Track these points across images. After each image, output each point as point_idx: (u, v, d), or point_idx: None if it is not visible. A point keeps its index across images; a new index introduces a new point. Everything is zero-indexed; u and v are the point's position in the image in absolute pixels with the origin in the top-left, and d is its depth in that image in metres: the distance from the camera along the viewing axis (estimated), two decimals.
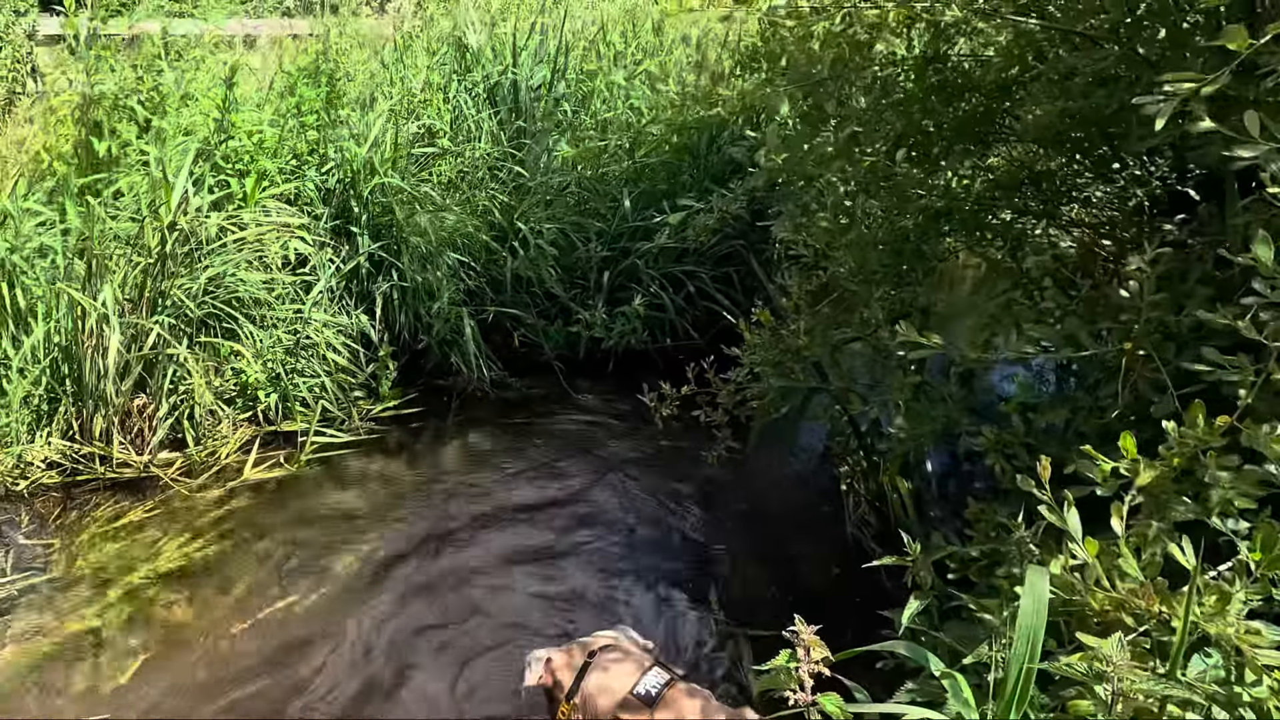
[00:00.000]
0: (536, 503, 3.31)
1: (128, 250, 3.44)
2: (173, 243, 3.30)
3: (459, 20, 5.14)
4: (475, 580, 2.87)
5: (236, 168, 3.80)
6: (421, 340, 4.20)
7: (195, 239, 3.39)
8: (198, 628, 2.65)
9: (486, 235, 4.37)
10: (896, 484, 2.53)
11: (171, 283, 3.35)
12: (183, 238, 3.34)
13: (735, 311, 4.35)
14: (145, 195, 3.54)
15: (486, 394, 4.14)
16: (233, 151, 3.76)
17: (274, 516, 3.21)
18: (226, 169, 3.79)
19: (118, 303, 3.32)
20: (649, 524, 3.19)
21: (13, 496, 3.23)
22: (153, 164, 3.54)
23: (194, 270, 3.44)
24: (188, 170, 3.50)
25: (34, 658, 2.53)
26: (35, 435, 3.43)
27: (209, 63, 4.35)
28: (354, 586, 2.84)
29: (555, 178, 4.67)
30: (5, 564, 2.89)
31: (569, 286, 4.48)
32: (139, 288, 3.39)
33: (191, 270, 3.43)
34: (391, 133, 4.19)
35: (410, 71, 4.69)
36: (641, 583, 2.87)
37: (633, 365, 4.25)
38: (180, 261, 3.36)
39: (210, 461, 3.50)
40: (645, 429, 3.60)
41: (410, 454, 3.68)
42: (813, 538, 3.03)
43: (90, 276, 3.32)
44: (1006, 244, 2.34)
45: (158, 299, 3.40)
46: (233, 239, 3.59)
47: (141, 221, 3.42)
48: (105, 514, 3.19)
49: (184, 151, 3.58)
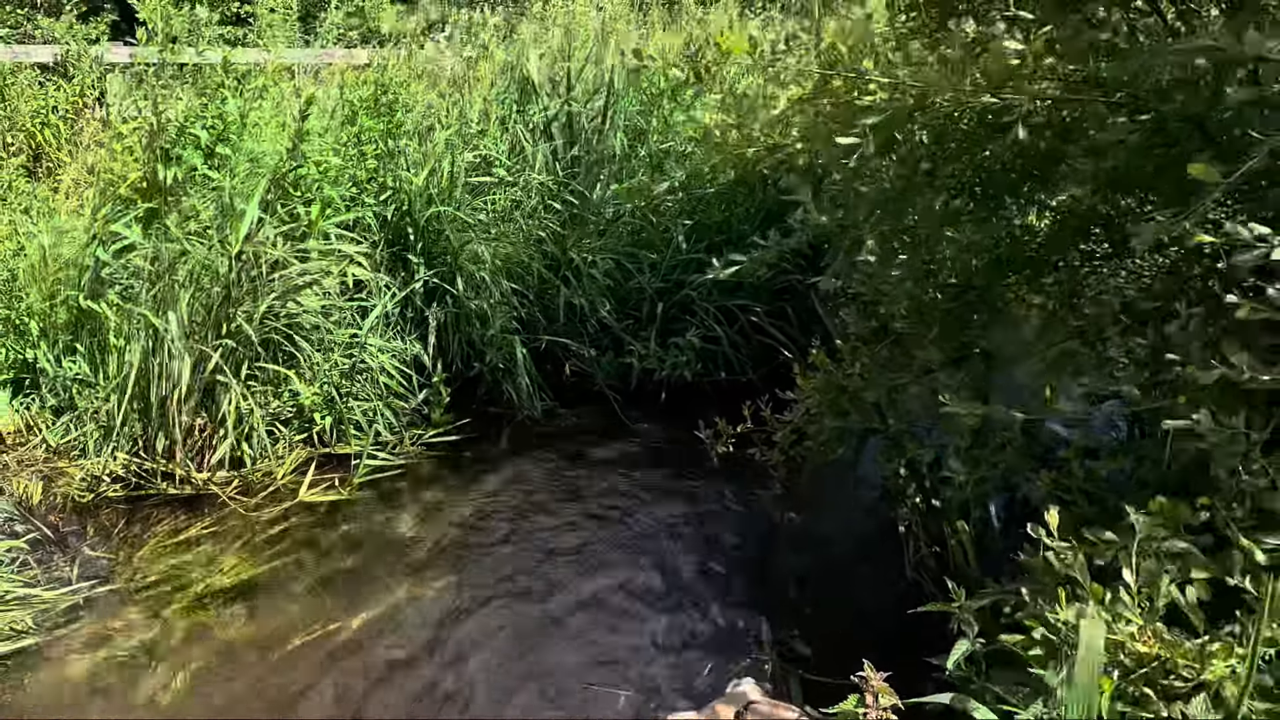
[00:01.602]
0: (588, 535, 3.40)
1: (197, 275, 3.67)
2: (240, 270, 3.52)
3: (518, 51, 5.38)
4: (529, 613, 2.96)
5: (304, 195, 4.03)
6: (474, 367, 4.36)
7: (261, 266, 3.61)
8: (253, 645, 2.79)
9: (540, 264, 4.53)
10: (956, 528, 2.56)
11: (236, 308, 3.57)
12: (250, 265, 3.55)
13: (790, 346, 4.42)
14: (214, 221, 3.78)
15: (538, 422, 4.27)
16: (301, 179, 3.99)
17: (327, 538, 3.36)
18: (294, 197, 4.03)
19: (185, 326, 3.54)
20: (703, 562, 3.25)
21: (80, 508, 3.44)
22: (225, 193, 3.78)
23: (258, 296, 3.65)
24: (259, 200, 3.73)
25: (97, 665, 2.69)
26: (102, 450, 3.65)
27: (272, 92, 4.64)
28: (405, 612, 2.95)
29: (609, 208, 4.83)
30: (72, 573, 3.08)
31: (621, 317, 4.61)
32: (206, 311, 3.61)
33: (255, 296, 3.64)
34: (448, 162, 4.40)
35: (468, 102, 4.92)
36: (696, 622, 2.92)
37: (685, 398, 4.34)
38: (246, 289, 3.57)
39: (266, 481, 3.68)
40: (699, 464, 3.67)
41: (461, 481, 3.82)
42: (872, 580, 3.06)
43: (162, 300, 3.55)
44: (1068, 289, 2.39)
45: (222, 323, 3.61)
46: (296, 270, 3.80)
47: (210, 248, 3.65)
48: (166, 528, 3.38)
49: (254, 179, 3.82)
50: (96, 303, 3.70)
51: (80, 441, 3.68)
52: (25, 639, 2.74)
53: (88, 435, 3.67)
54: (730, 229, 4.68)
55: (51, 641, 2.75)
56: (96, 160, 5.52)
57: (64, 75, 6.24)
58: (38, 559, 3.12)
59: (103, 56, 6.34)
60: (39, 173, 5.65)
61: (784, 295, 4.61)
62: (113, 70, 6.41)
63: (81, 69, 6.22)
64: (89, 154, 5.87)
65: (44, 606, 2.89)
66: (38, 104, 5.98)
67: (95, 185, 4.65)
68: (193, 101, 4.09)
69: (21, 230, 3.94)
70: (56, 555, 3.18)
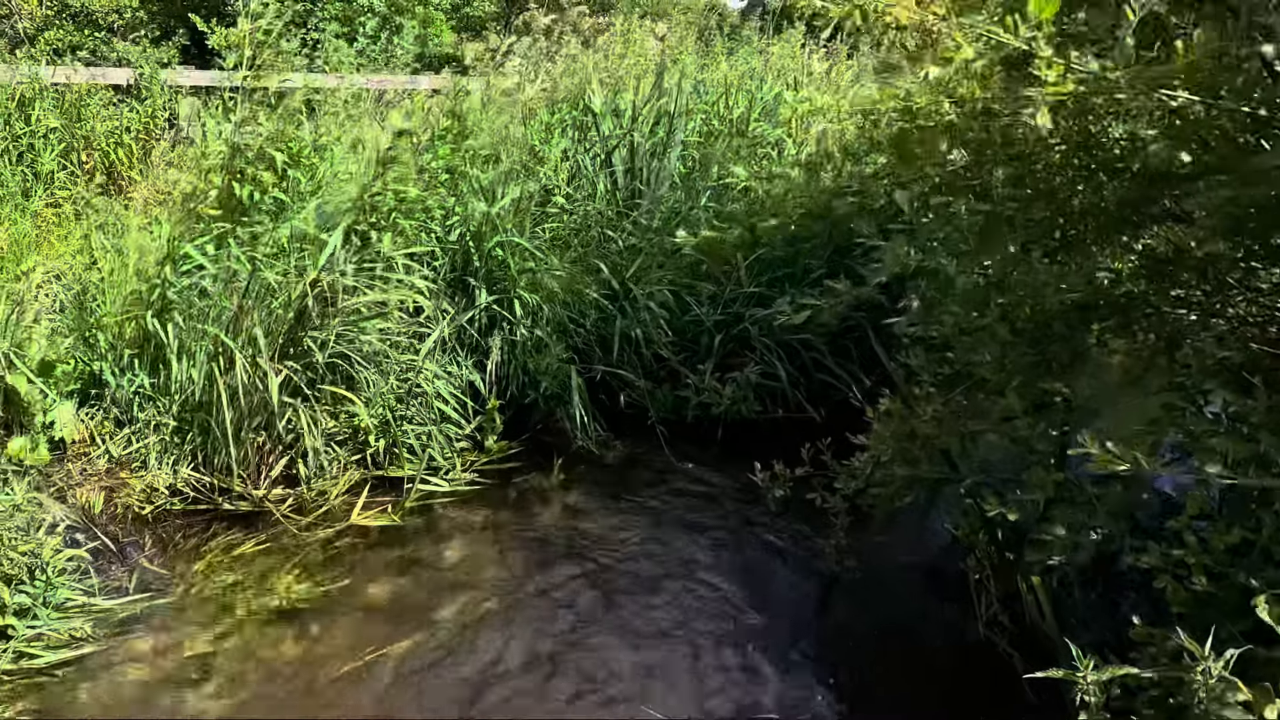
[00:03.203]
0: (641, 573, 3.39)
1: (267, 298, 3.80)
2: (314, 297, 3.65)
3: (582, 81, 5.52)
4: (578, 653, 2.95)
5: (378, 222, 4.16)
6: (528, 395, 4.41)
7: (335, 294, 3.73)
8: (303, 666, 2.83)
9: (597, 293, 4.59)
10: (1034, 586, 2.50)
11: (306, 332, 3.69)
12: (324, 292, 3.68)
13: (851, 385, 4.39)
14: (290, 246, 3.92)
15: (591, 453, 4.29)
16: (376, 207, 4.14)
17: (378, 562, 3.41)
18: (369, 225, 4.16)
19: (259, 347, 3.66)
20: (758, 609, 3.20)
21: (139, 520, 3.55)
22: (306, 221, 3.92)
23: (327, 322, 3.77)
24: (342, 231, 3.87)
25: (149, 678, 2.76)
26: (162, 463, 3.78)
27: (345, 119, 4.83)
28: (452, 640, 2.97)
29: (669, 239, 4.88)
30: (129, 584, 3.18)
31: (678, 349, 4.63)
32: (278, 334, 3.74)
33: (325, 322, 3.76)
34: (513, 190, 4.51)
35: (532, 131, 5.04)
36: (752, 676, 2.87)
37: (742, 434, 4.33)
38: (317, 313, 3.70)
39: (319, 501, 3.76)
40: (755, 504, 3.65)
41: (512, 509, 3.85)
42: (940, 636, 2.98)
43: (234, 320, 3.69)
44: (1163, 337, 2.34)
45: (290, 347, 3.73)
46: (366, 300, 3.91)
47: (286, 273, 3.79)
48: (220, 544, 3.46)
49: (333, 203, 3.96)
50: (161, 320, 3.85)
51: (141, 454, 3.81)
52: (84, 647, 2.83)
53: (149, 448, 3.80)
54: (795, 263, 4.69)
55: (108, 651, 2.83)
56: (168, 179, 5.80)
57: (137, 97, 6.59)
58: (97, 568, 3.22)
59: (175, 80, 6.69)
60: (110, 190, 5.95)
61: (847, 333, 4.59)
62: (182, 92, 6.76)
63: (153, 91, 6.56)
64: (159, 173, 6.17)
65: (102, 615, 2.98)
66: (112, 124, 6.32)
67: (166, 203, 4.88)
68: (271, 125, 4.27)
69: (96, 245, 4.13)
70: (115, 565, 3.28)
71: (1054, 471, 2.24)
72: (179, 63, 7.75)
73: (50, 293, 4.56)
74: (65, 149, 6.04)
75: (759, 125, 5.03)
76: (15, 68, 6.08)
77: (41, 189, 5.74)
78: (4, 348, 3.86)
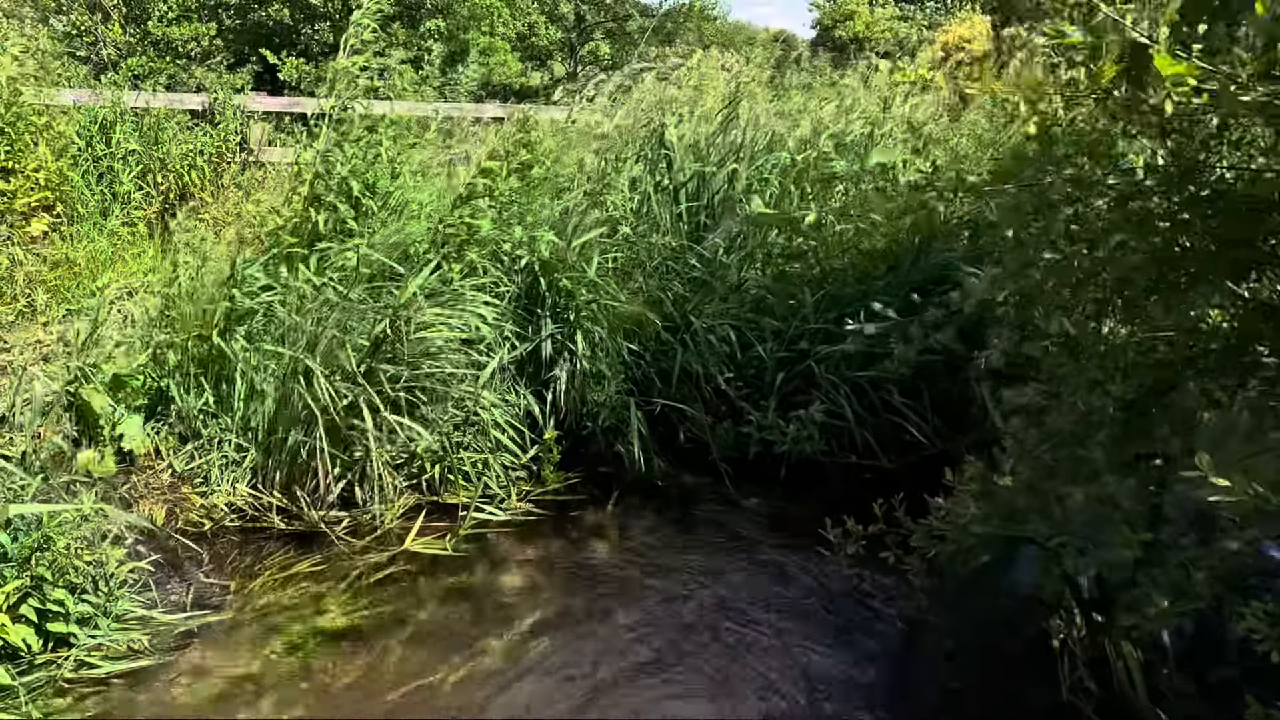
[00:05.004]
0: (699, 616, 3.34)
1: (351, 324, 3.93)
2: (395, 327, 3.77)
3: (650, 110, 5.62)
4: (629, 687, 2.93)
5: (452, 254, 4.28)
6: (586, 426, 4.44)
7: (411, 325, 3.84)
8: (354, 690, 2.86)
9: (659, 326, 4.62)
10: (1123, 651, 2.40)
11: (381, 360, 3.80)
12: (402, 323, 3.80)
13: (922, 426, 4.32)
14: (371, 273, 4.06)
15: (649, 488, 4.29)
16: (451, 239, 4.27)
17: (431, 589, 3.44)
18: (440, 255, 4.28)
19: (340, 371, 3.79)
20: (828, 665, 3.11)
21: (198, 536, 3.66)
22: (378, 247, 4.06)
23: (399, 349, 3.88)
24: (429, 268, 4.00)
25: (202, 696, 2.82)
26: (223, 480, 3.90)
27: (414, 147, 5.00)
28: (503, 671, 2.98)
29: (733, 273, 4.90)
30: (187, 599, 3.26)
31: (740, 385, 4.62)
32: (361, 358, 3.85)
33: (397, 349, 3.87)
34: (579, 220, 4.59)
35: (609, 163, 5.13)
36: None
37: (805, 474, 4.27)
38: (392, 340, 3.81)
39: (374, 524, 3.82)
40: (821, 550, 3.58)
41: (567, 542, 3.85)
42: (1021, 701, 2.87)
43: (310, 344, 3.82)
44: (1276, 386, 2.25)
45: (366, 373, 3.83)
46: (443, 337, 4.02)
47: (363, 301, 3.92)
48: (276, 562, 3.54)
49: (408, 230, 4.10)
50: (226, 340, 3.99)
51: (203, 470, 3.93)
52: (141, 659, 2.91)
53: (211, 464, 3.92)
54: (866, 300, 4.65)
55: (164, 665, 2.91)
56: (240, 202, 6.07)
57: (210, 121, 6.94)
58: (156, 581, 3.32)
59: (247, 104, 7.05)
60: (178, 210, 6.24)
61: (919, 374, 4.52)
62: (254, 117, 7.10)
63: (226, 116, 6.90)
64: (230, 195, 6.47)
65: (160, 629, 3.06)
66: (186, 147, 6.65)
67: (238, 225, 5.10)
68: (355, 152, 4.44)
69: (180, 264, 4.33)
70: (174, 579, 3.38)
71: (1141, 530, 2.15)
72: (251, 89, 8.14)
73: (123, 309, 4.80)
74: (143, 170, 6.38)
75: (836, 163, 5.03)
76: (99, 92, 6.46)
77: (119, 208, 6.06)
78: (80, 363, 4.05)
